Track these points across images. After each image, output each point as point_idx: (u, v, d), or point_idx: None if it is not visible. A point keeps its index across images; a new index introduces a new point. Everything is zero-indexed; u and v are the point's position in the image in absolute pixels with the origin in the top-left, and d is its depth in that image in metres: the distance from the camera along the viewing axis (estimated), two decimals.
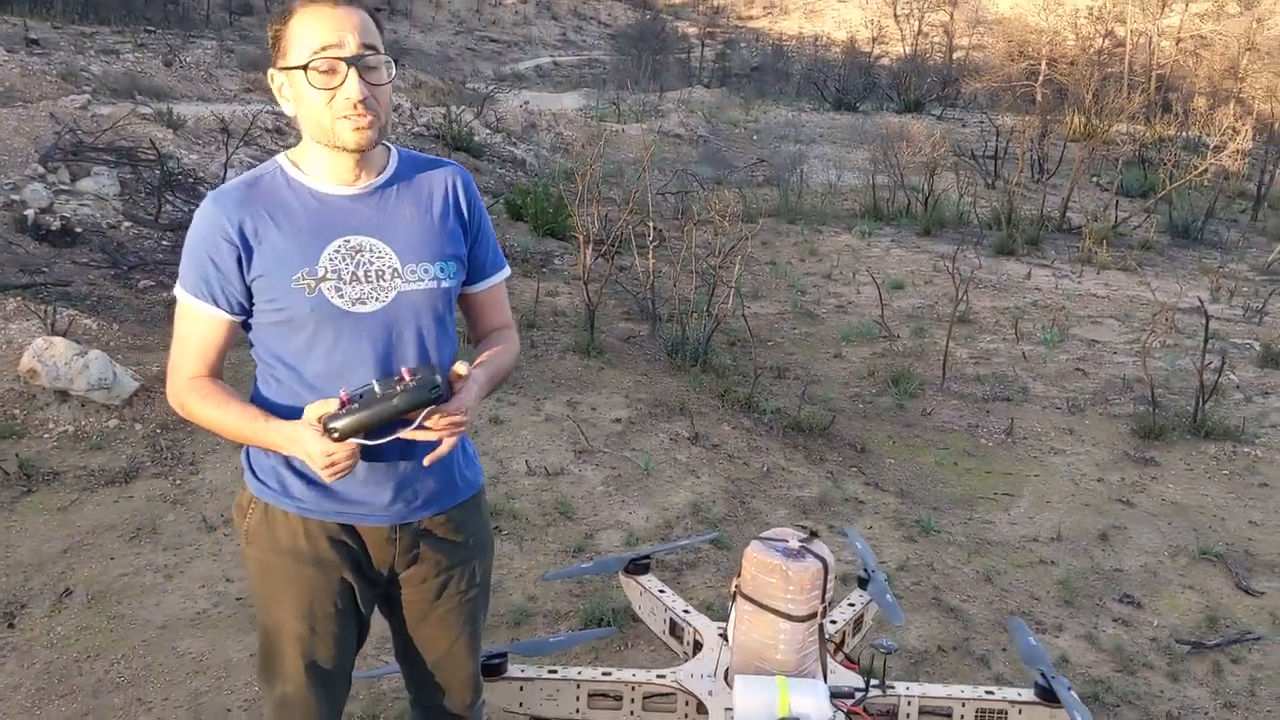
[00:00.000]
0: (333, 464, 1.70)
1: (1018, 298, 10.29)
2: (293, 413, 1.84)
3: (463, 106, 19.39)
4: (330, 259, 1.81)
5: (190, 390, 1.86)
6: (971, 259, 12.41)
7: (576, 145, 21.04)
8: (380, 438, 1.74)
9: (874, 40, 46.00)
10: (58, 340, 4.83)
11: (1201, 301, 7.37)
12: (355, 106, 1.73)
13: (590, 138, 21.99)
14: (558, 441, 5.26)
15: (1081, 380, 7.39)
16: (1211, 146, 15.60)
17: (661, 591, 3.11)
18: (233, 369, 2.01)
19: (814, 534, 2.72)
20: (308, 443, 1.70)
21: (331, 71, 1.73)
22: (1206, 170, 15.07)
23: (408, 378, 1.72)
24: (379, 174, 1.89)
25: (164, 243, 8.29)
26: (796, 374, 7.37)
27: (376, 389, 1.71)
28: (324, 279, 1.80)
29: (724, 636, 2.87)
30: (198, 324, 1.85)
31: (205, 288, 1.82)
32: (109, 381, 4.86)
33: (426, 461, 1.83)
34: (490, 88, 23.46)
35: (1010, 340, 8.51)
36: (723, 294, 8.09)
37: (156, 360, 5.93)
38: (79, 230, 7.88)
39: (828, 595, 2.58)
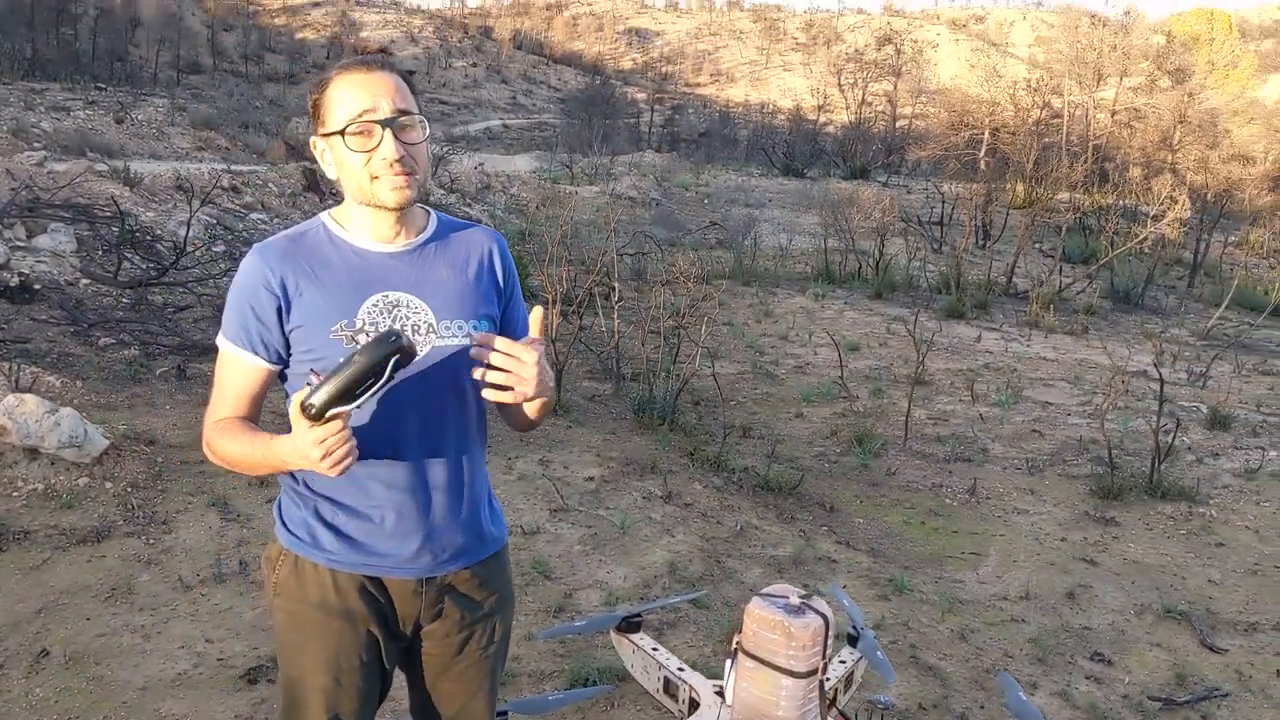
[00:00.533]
0: (328, 450, 1.65)
1: (970, 360, 10.49)
2: (310, 474, 1.89)
3: None
4: (369, 312, 1.86)
5: (215, 429, 1.88)
6: (924, 322, 12.67)
7: (530, 206, 21.21)
8: (364, 401, 1.68)
9: (819, 108, 46.95)
10: (29, 397, 4.77)
11: (1156, 367, 7.56)
12: (392, 166, 1.80)
13: (544, 199, 22.20)
14: (533, 500, 5.27)
15: (1038, 441, 7.54)
16: (1151, 215, 16.05)
17: (655, 649, 3.13)
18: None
19: (814, 592, 2.76)
20: (298, 439, 1.66)
21: (367, 134, 1.80)
22: (1147, 238, 15.49)
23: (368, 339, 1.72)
24: (418, 234, 1.96)
25: (123, 300, 8.22)
26: (760, 433, 7.45)
27: (342, 358, 1.68)
28: (361, 330, 1.85)
29: (720, 694, 2.89)
30: (236, 371, 1.89)
31: (245, 336, 1.86)
32: (80, 439, 4.80)
33: (487, 394, 1.79)
34: (445, 149, 23.55)
35: (966, 402, 8.67)
36: (690, 352, 8.17)
37: (122, 419, 5.88)
38: (37, 287, 7.79)
39: (828, 652, 2.62)
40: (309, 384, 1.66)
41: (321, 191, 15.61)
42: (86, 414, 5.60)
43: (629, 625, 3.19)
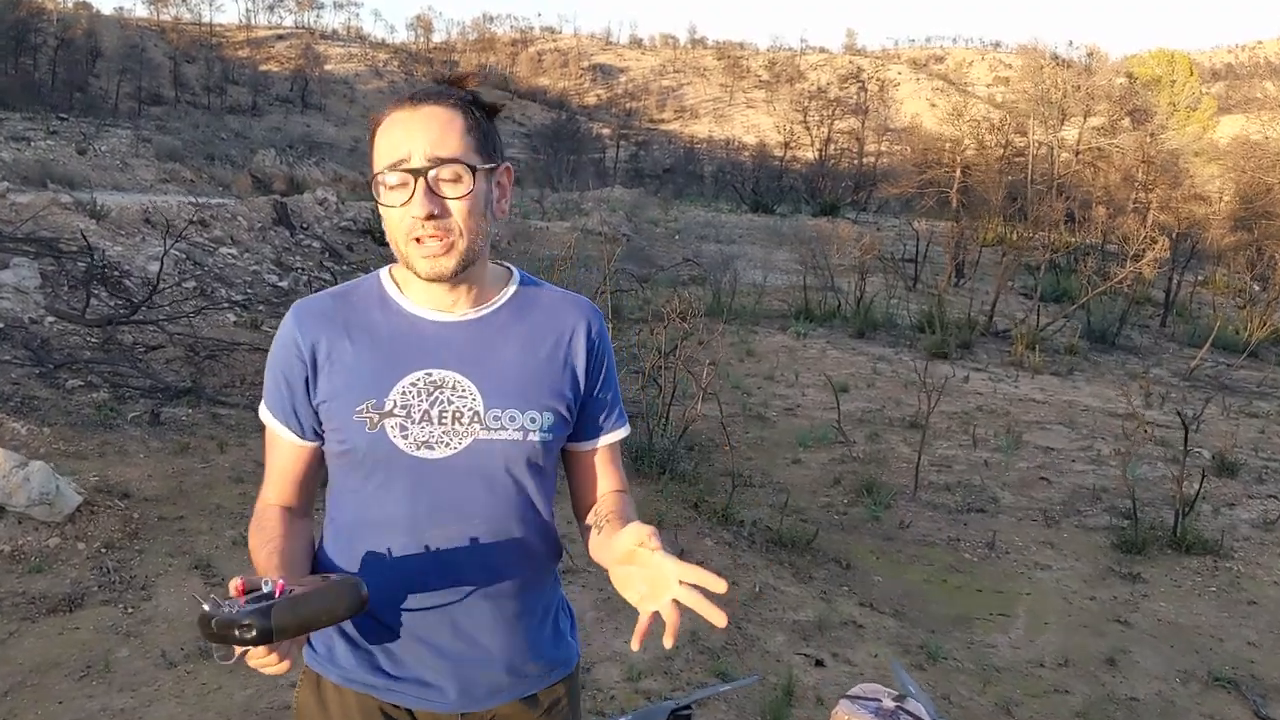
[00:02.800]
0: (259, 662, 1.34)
1: (962, 402, 10.28)
2: (330, 565, 1.62)
3: None
4: (403, 392, 1.55)
5: (257, 517, 1.63)
6: (907, 361, 12.48)
7: (502, 242, 20.93)
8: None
9: (785, 145, 47.12)
10: None
11: (1180, 414, 7.36)
12: (422, 225, 1.48)
13: (515, 234, 21.94)
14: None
15: (1048, 490, 7.31)
16: (1131, 255, 16.03)
17: None
18: None
19: (904, 694, 2.46)
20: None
21: (402, 185, 1.49)
22: (1126, 278, 15.45)
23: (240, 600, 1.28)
24: (488, 301, 1.63)
25: (91, 339, 7.82)
26: (760, 481, 7.17)
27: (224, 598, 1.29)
28: (390, 413, 1.54)
29: None
30: (275, 447, 1.65)
31: (279, 407, 1.62)
32: (50, 496, 4.43)
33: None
34: None
35: (966, 446, 8.44)
36: (680, 394, 7.88)
37: (93, 469, 5.50)
38: (0, 325, 7.39)
39: None
40: (227, 595, 1.28)
41: (292, 225, 15.24)
42: (55, 463, 5.22)
43: (677, 718, 2.88)
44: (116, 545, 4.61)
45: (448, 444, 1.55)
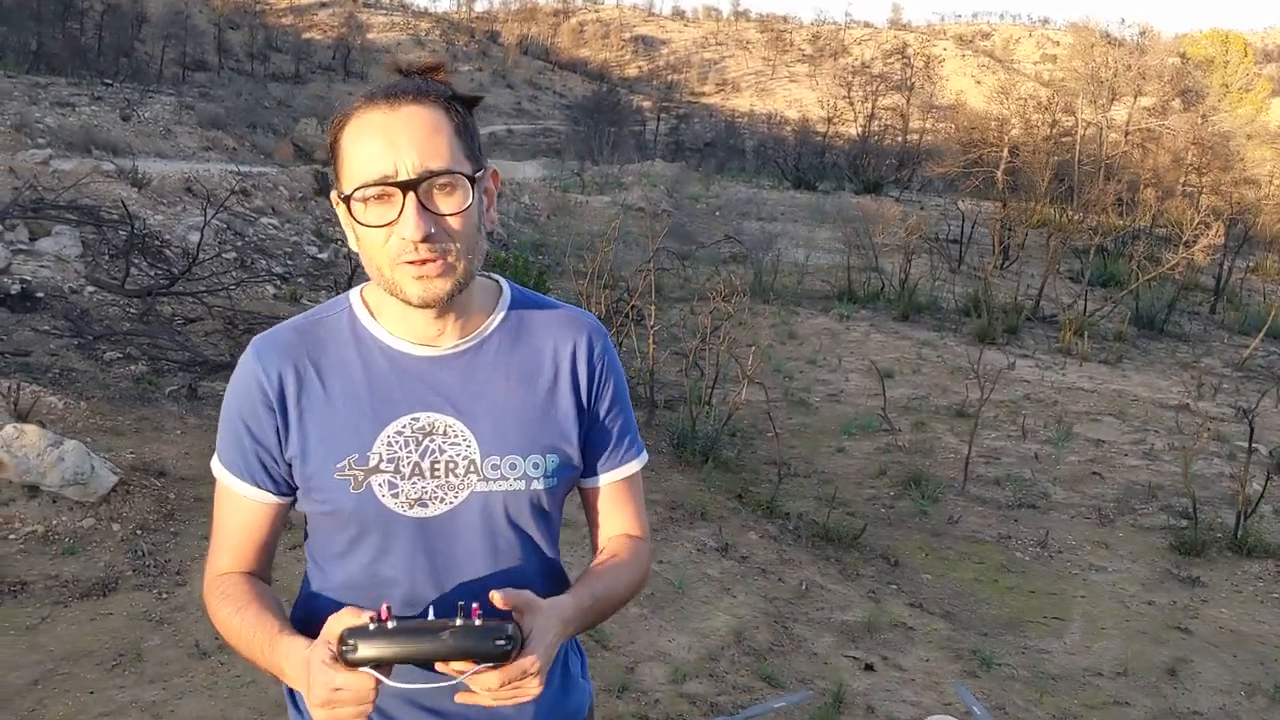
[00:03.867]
0: (332, 703, 1.18)
1: (1009, 390, 10.05)
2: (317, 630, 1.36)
3: None
4: (388, 444, 1.35)
5: (215, 590, 1.41)
6: (953, 347, 12.25)
7: (542, 216, 20.83)
8: (405, 682, 1.26)
9: (828, 121, 46.60)
10: (29, 428, 4.32)
11: (1244, 410, 7.11)
12: (415, 248, 1.26)
13: (554, 208, 21.82)
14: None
15: (1100, 485, 7.10)
16: (1183, 241, 15.66)
17: None
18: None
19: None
20: (312, 668, 1.20)
21: (385, 199, 1.26)
22: (1179, 264, 15.10)
23: (475, 619, 1.20)
24: (477, 328, 1.42)
25: (130, 310, 7.77)
26: (804, 471, 7.01)
27: (430, 615, 1.21)
28: (376, 469, 1.35)
29: None
30: (235, 507, 1.42)
31: (242, 462, 1.38)
32: (85, 476, 4.35)
33: (458, 698, 1.27)
34: None
35: (1015, 437, 8.24)
36: (734, 379, 7.73)
37: (129, 445, 5.43)
38: (39, 294, 7.34)
39: None
40: (372, 618, 1.17)
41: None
42: (90, 439, 5.17)
43: None
44: (151, 527, 4.53)
45: (443, 499, 1.37)
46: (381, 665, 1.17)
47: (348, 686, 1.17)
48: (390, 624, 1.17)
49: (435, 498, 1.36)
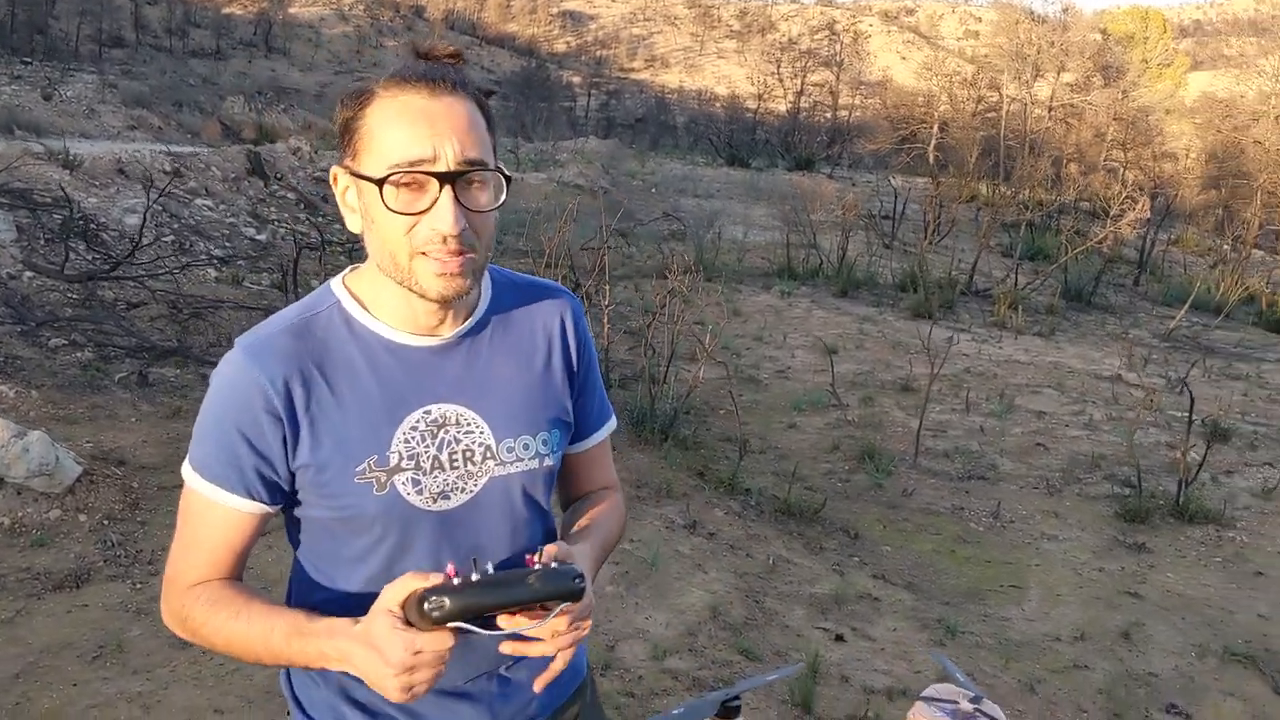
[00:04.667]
0: (413, 668, 1.17)
1: (950, 364, 10.22)
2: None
3: None
4: (406, 440, 1.34)
5: (195, 599, 1.34)
6: (892, 322, 12.46)
7: None
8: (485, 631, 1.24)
9: (759, 97, 46.78)
10: None
11: (1187, 384, 7.35)
12: (445, 241, 1.25)
13: None
14: None
15: (1045, 456, 7.30)
16: (1110, 215, 16.05)
17: None
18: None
19: (979, 695, 2.39)
20: (380, 638, 1.18)
21: (417, 187, 1.25)
22: (1107, 238, 15.49)
23: (538, 562, 1.24)
24: (470, 314, 1.41)
25: (71, 296, 7.61)
26: (758, 447, 7.11)
27: (490, 569, 1.21)
28: (398, 469, 1.33)
29: None
30: (217, 520, 1.34)
31: (235, 475, 1.31)
32: (50, 467, 4.28)
33: (539, 686, 1.35)
34: None
35: (959, 411, 8.43)
36: (686, 357, 7.79)
37: (86, 434, 5.35)
38: None
39: None
40: (447, 576, 1.19)
41: (266, 176, 14.92)
42: (46, 428, 5.07)
43: (727, 710, 2.80)
44: (118, 517, 4.48)
45: (463, 489, 1.38)
46: (470, 621, 1.18)
47: (428, 647, 1.17)
48: (475, 576, 1.19)
49: (456, 489, 1.36)
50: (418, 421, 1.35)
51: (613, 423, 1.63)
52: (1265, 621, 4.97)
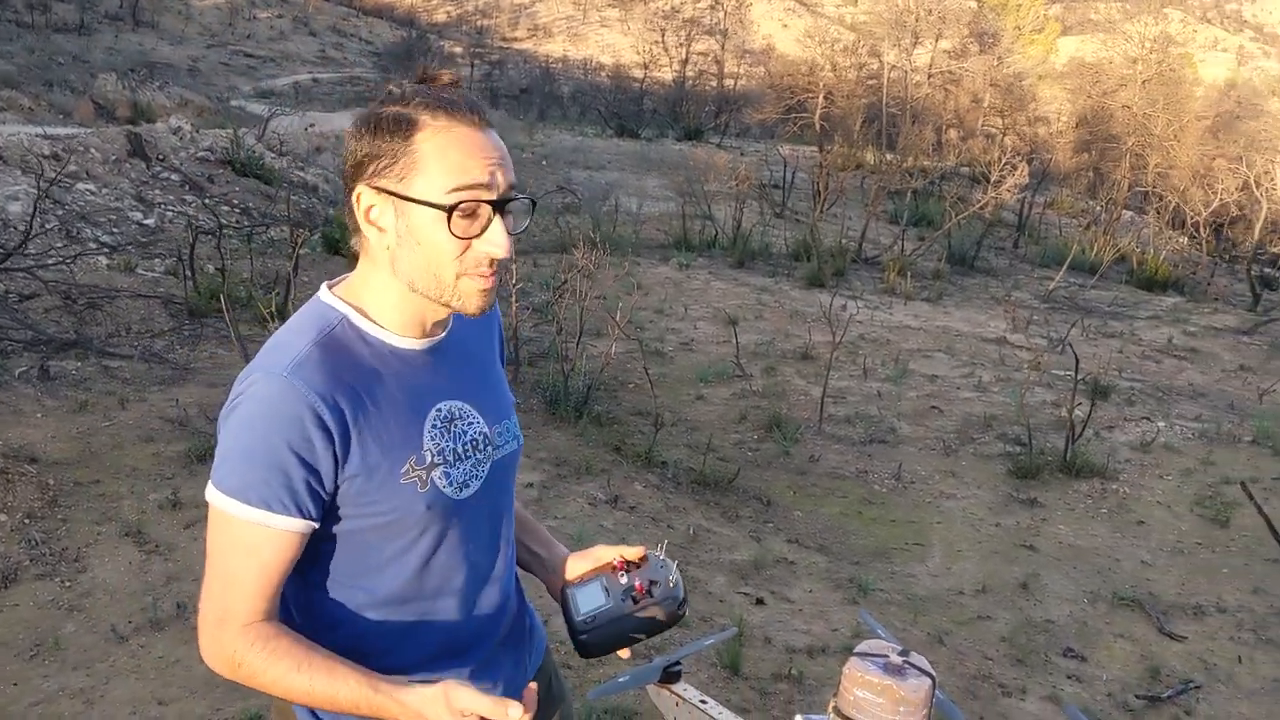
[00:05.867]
0: None
1: (846, 332, 10.57)
2: (368, 639, 1.47)
3: (245, 129, 18.41)
4: (431, 437, 1.45)
5: (249, 645, 1.36)
6: (788, 291, 12.76)
7: None
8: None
9: (644, 67, 46.80)
10: None
11: (1070, 344, 7.74)
12: (491, 263, 1.37)
13: None
14: None
15: (940, 419, 7.64)
16: (991, 181, 16.61)
17: (704, 702, 2.90)
18: None
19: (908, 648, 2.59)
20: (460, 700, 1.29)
21: (472, 214, 1.35)
22: (988, 204, 16.04)
23: (644, 583, 1.46)
24: (448, 319, 1.54)
25: None
26: (669, 420, 7.28)
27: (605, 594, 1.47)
28: (433, 465, 1.43)
29: None
30: (266, 546, 1.36)
31: (287, 494, 1.33)
32: None
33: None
34: (276, 110, 22.28)
35: (857, 377, 8.73)
36: (575, 330, 7.89)
37: None
38: None
39: (931, 711, 2.47)
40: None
41: (148, 157, 14.51)
42: None
43: (669, 675, 2.96)
44: (39, 515, 4.44)
45: (478, 475, 1.50)
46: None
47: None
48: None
49: (474, 476, 1.49)
50: (435, 419, 1.46)
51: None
52: (1148, 567, 5.34)
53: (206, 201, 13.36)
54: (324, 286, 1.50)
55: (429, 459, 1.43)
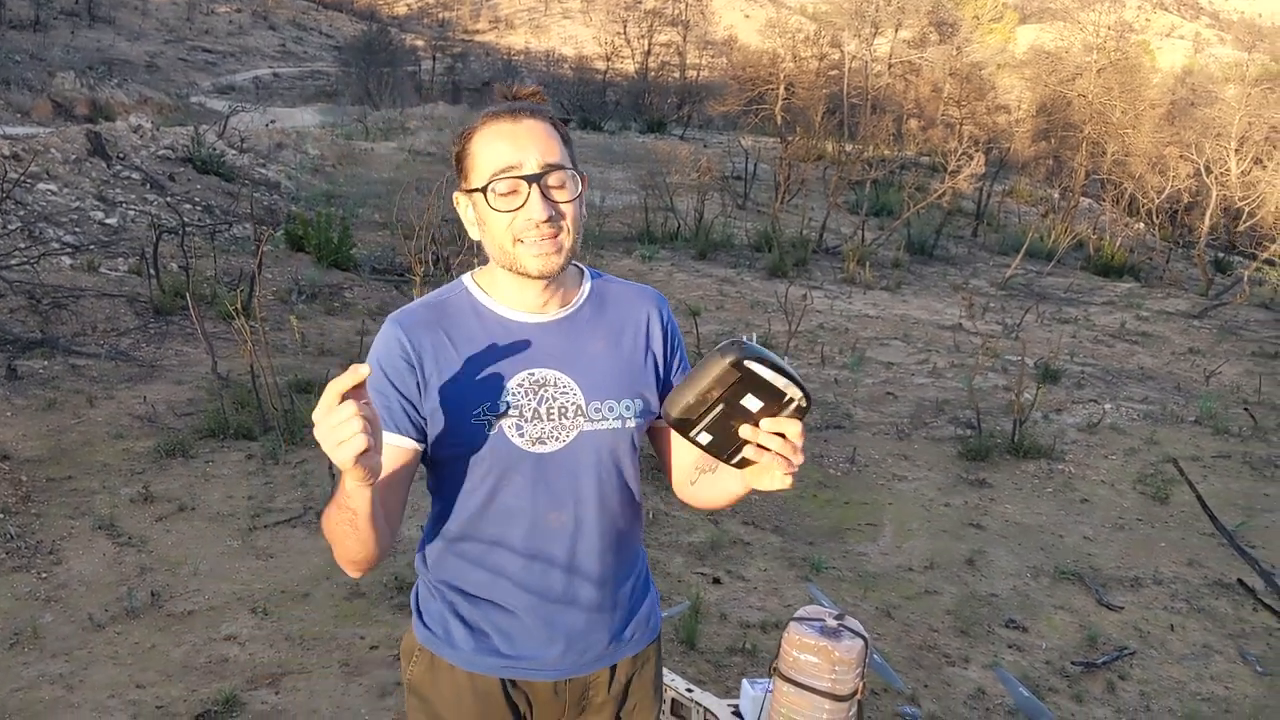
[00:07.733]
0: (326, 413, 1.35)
1: (805, 320, 10.77)
2: (446, 561, 1.77)
3: (205, 126, 18.40)
4: (513, 393, 1.69)
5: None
6: (750, 282, 12.96)
7: (328, 165, 20.37)
8: (724, 445, 1.46)
9: (607, 58, 46.89)
10: None
11: (1016, 330, 7.95)
12: (538, 227, 1.61)
13: (341, 157, 21.36)
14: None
15: (895, 404, 7.85)
16: (948, 170, 16.86)
17: (689, 690, 3.08)
18: None
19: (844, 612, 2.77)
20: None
21: (513, 192, 1.62)
22: (945, 193, 16.28)
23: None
24: (570, 301, 1.78)
25: None
26: None
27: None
28: (505, 415, 1.67)
29: (738, 715, 2.89)
30: None
31: (385, 413, 1.64)
32: None
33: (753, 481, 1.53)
34: (237, 107, 22.22)
35: (816, 364, 8.93)
36: None
37: None
38: None
39: (865, 672, 2.65)
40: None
41: (108, 156, 14.49)
42: None
43: None
44: (13, 510, 4.54)
45: (558, 438, 1.70)
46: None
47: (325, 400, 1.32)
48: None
49: (552, 436, 1.70)
50: (523, 380, 1.70)
51: None
52: (1090, 543, 5.56)
53: (169, 200, 13.37)
54: (470, 272, 1.81)
55: (502, 409, 1.67)
